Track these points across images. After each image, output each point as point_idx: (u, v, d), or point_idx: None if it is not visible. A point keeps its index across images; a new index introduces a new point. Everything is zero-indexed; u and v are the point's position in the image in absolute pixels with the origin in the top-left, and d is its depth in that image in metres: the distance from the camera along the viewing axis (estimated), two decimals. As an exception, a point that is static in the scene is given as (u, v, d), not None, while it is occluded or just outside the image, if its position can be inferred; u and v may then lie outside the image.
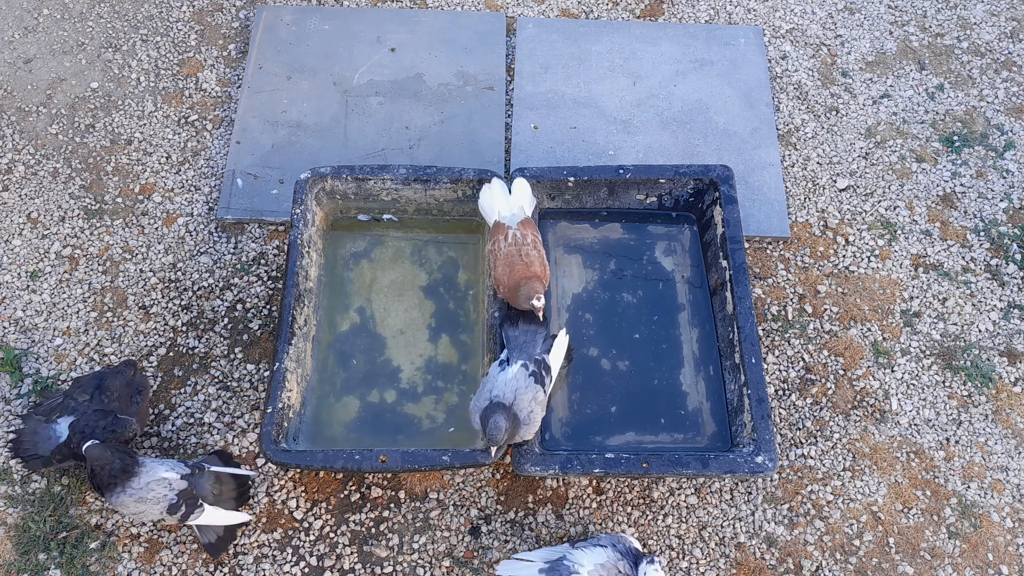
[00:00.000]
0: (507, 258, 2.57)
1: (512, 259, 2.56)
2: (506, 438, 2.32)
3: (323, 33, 3.46)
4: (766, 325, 2.92)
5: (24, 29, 3.47)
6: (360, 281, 2.88)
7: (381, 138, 3.21)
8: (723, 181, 2.85)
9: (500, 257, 2.59)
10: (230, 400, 2.75)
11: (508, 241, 2.60)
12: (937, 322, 2.95)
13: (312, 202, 2.84)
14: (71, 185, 3.13)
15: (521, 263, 2.55)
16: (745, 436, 2.52)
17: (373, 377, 2.72)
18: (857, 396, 2.81)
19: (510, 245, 2.59)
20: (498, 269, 2.59)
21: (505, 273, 2.56)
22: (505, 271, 2.56)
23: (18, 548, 2.51)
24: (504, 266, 2.57)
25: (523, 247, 2.58)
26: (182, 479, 2.39)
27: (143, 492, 2.33)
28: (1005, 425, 2.78)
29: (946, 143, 3.31)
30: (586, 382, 2.72)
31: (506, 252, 2.58)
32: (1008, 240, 3.10)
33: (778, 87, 3.41)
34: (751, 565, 2.55)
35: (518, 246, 2.58)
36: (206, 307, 2.91)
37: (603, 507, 2.61)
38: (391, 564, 2.52)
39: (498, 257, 2.60)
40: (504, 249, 2.59)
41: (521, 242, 2.59)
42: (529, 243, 2.59)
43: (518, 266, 2.55)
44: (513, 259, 2.56)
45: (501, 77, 3.38)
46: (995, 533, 2.62)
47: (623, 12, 3.61)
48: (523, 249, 2.58)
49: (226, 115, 3.30)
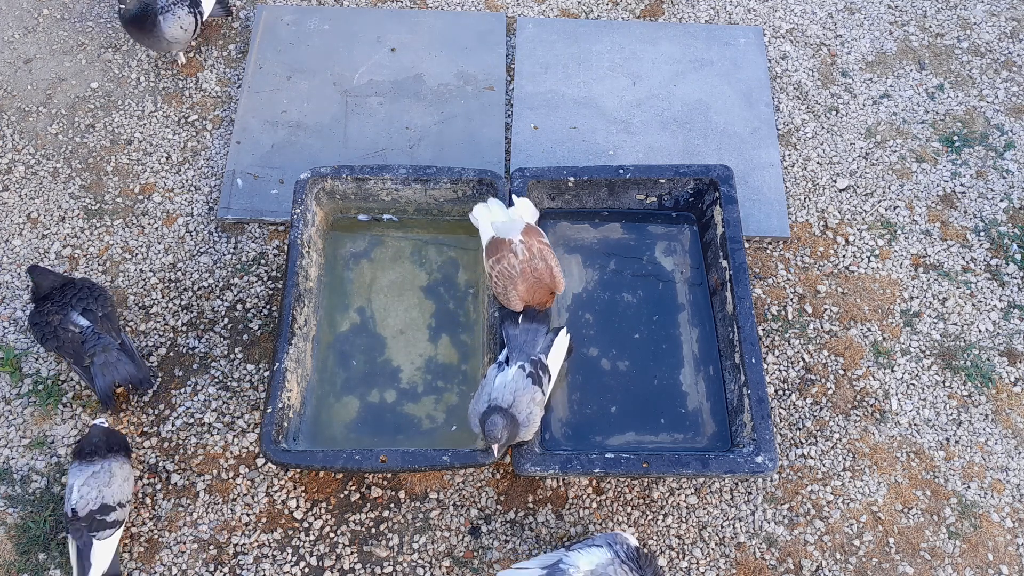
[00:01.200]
0: (523, 275, 2.55)
1: (527, 276, 2.55)
2: (506, 437, 2.32)
3: (323, 33, 3.46)
4: (766, 325, 2.92)
5: (24, 29, 3.47)
6: (360, 281, 2.88)
7: (381, 138, 3.22)
8: (723, 181, 2.85)
9: (517, 275, 2.55)
10: (230, 400, 2.75)
11: (519, 258, 2.55)
12: (937, 322, 2.95)
13: (312, 202, 2.84)
14: (71, 185, 3.13)
15: (536, 282, 2.54)
16: (745, 436, 2.52)
17: (373, 377, 2.72)
18: (857, 396, 2.81)
19: (522, 263, 2.55)
20: (519, 287, 2.55)
21: (528, 294, 2.56)
22: (528, 292, 2.55)
23: (18, 548, 2.51)
24: (523, 284, 2.55)
25: (533, 261, 2.56)
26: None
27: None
28: (1005, 425, 2.78)
29: (946, 143, 3.31)
30: (586, 382, 2.72)
31: (521, 271, 2.55)
32: (1008, 240, 3.10)
33: (778, 87, 3.42)
34: (751, 565, 2.55)
35: (529, 262, 2.55)
36: (206, 307, 2.91)
37: (603, 507, 2.62)
38: (391, 564, 2.52)
39: (513, 275, 2.55)
40: (518, 267, 2.55)
41: (530, 258, 2.56)
42: (536, 255, 2.57)
43: (538, 289, 2.55)
44: (527, 276, 2.55)
45: (501, 77, 3.38)
46: (995, 533, 2.62)
47: (623, 12, 3.61)
48: (534, 263, 2.55)
49: (226, 115, 3.30)
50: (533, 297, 2.57)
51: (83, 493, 2.37)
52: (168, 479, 2.62)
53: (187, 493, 2.61)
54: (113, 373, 2.57)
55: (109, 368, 2.57)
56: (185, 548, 2.53)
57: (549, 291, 2.59)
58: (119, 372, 2.58)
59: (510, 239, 2.58)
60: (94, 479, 2.38)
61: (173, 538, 2.54)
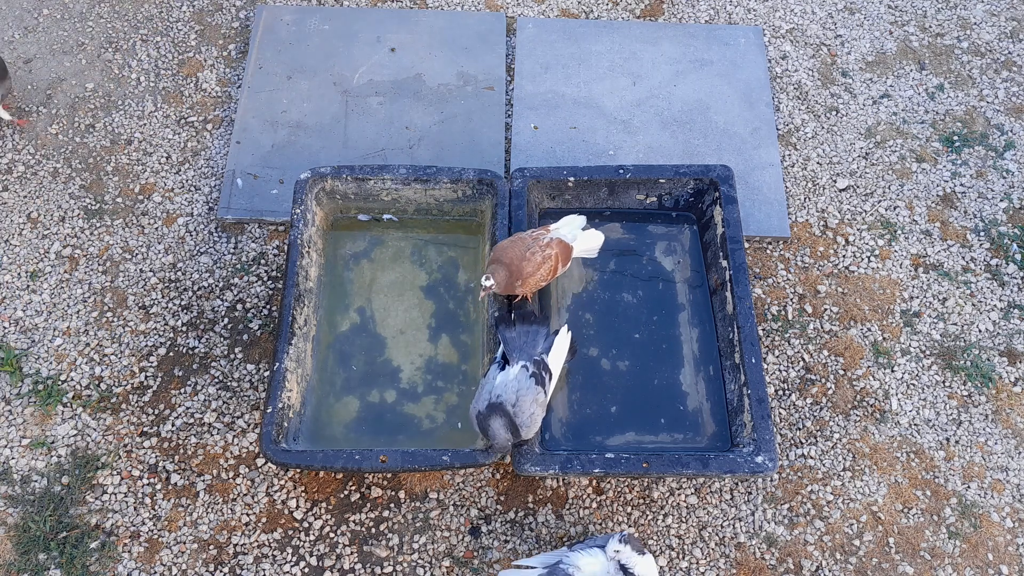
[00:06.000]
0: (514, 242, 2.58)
1: (516, 245, 2.57)
2: (505, 438, 2.32)
3: (323, 33, 3.46)
4: (766, 325, 2.92)
5: (24, 29, 3.47)
6: (360, 281, 2.88)
7: (381, 138, 3.22)
8: (723, 181, 2.85)
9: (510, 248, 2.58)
10: (230, 400, 2.75)
11: (526, 235, 2.60)
12: (937, 322, 2.95)
13: (312, 202, 2.84)
14: (71, 185, 3.13)
15: (515, 253, 2.55)
16: (745, 436, 2.52)
17: (373, 377, 2.72)
18: (857, 396, 2.81)
19: (528, 238, 2.59)
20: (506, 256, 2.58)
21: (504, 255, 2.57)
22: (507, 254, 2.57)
23: (18, 548, 2.51)
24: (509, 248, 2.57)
25: (533, 246, 2.57)
26: None
27: None
28: (1005, 425, 2.78)
29: (946, 143, 3.31)
30: (586, 382, 2.72)
31: (517, 237, 2.59)
32: (1008, 240, 3.10)
33: (778, 87, 3.42)
34: (751, 565, 2.55)
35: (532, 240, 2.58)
36: (206, 307, 2.91)
37: (603, 507, 2.62)
38: (391, 564, 2.52)
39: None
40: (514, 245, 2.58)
41: (534, 241, 2.58)
42: (542, 245, 2.58)
43: (509, 253, 2.55)
44: (516, 245, 2.56)
45: (501, 77, 3.38)
46: (995, 533, 2.62)
47: (623, 12, 3.61)
48: (527, 242, 2.57)
49: (226, 115, 3.30)
50: (508, 279, 2.57)
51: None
52: (168, 479, 2.62)
53: (187, 493, 2.61)
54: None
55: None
56: (185, 548, 2.53)
57: (515, 281, 2.58)
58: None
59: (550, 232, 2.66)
60: None
61: (173, 538, 2.54)
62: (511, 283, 2.53)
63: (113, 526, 2.55)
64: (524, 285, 2.55)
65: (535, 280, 2.56)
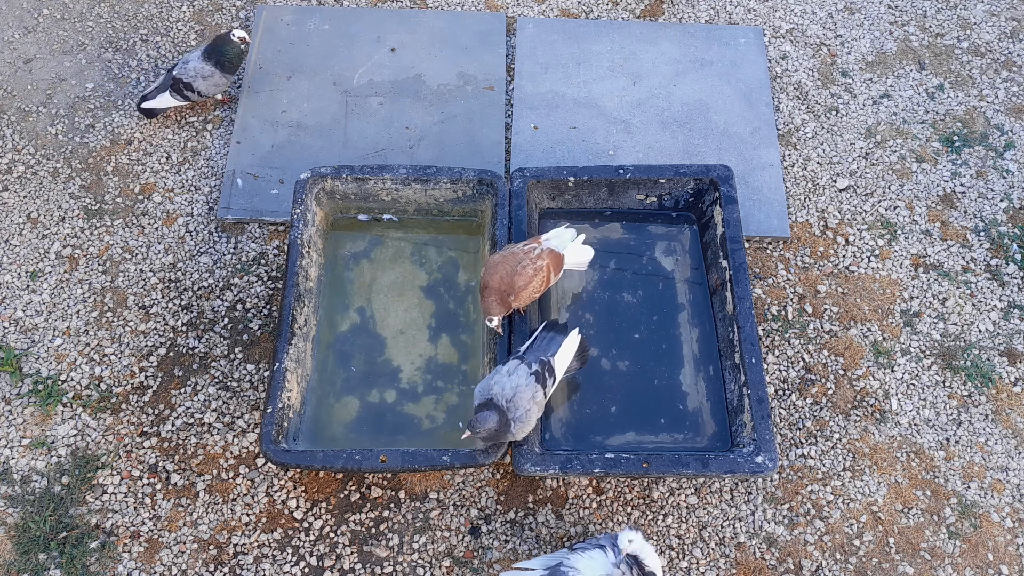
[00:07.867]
0: (501, 260, 2.57)
1: (506, 260, 2.56)
2: (491, 433, 2.31)
3: (323, 33, 3.46)
4: (766, 325, 2.92)
5: (24, 29, 3.47)
6: (360, 281, 2.88)
7: (381, 138, 3.22)
8: (723, 181, 2.85)
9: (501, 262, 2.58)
10: (230, 400, 2.75)
11: (518, 248, 2.59)
12: (937, 322, 2.95)
13: (312, 202, 2.84)
14: (71, 185, 3.13)
15: (505, 269, 2.54)
16: (745, 436, 2.52)
17: (373, 377, 2.72)
18: (857, 396, 2.81)
19: (517, 252, 2.57)
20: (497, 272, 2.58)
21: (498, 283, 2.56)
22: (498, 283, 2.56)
23: (18, 548, 2.51)
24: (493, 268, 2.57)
25: (524, 259, 2.56)
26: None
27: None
28: (1005, 425, 2.78)
29: (946, 143, 3.31)
30: (586, 382, 2.72)
31: (503, 255, 2.58)
32: (1008, 240, 3.10)
33: (778, 87, 3.42)
34: (751, 565, 2.55)
35: (524, 254, 2.56)
36: (206, 307, 2.91)
37: (603, 507, 2.62)
38: (391, 564, 2.52)
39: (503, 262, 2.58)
40: (505, 259, 2.57)
41: (525, 255, 2.56)
42: (533, 258, 2.57)
43: (495, 275, 2.55)
44: (507, 261, 2.56)
45: (501, 77, 3.38)
46: (995, 533, 2.62)
47: (623, 12, 3.61)
48: (518, 256, 2.56)
49: (226, 115, 3.30)
50: (502, 300, 2.57)
51: None
52: (168, 479, 2.62)
53: (187, 493, 2.61)
54: None
55: None
56: (185, 548, 2.53)
57: (508, 297, 2.57)
58: None
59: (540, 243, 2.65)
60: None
61: (173, 538, 2.54)
62: (505, 301, 2.55)
63: (113, 526, 2.55)
64: (517, 299, 2.56)
65: (527, 293, 2.57)
